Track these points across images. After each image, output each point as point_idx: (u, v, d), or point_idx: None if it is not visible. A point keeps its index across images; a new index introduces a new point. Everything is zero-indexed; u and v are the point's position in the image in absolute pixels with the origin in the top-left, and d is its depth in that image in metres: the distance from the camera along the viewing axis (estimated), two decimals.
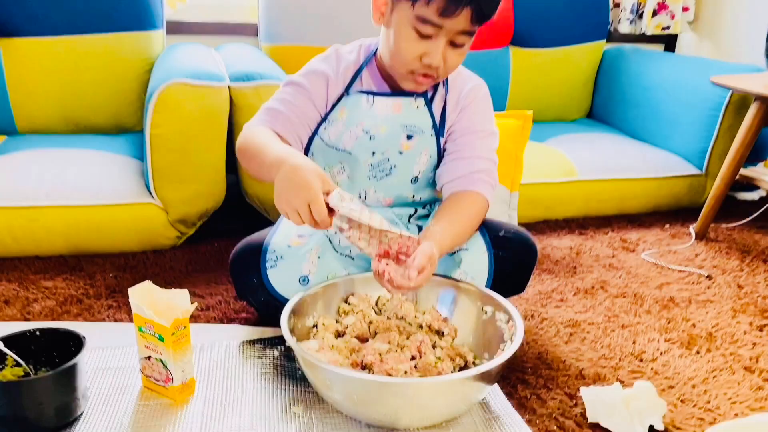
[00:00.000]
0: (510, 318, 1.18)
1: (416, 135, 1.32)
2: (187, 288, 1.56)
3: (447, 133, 1.36)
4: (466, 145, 1.34)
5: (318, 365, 1.02)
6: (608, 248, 1.95)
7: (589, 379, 1.27)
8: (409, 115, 1.31)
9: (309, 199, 1.05)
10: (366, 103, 1.30)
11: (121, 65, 2.10)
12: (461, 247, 1.35)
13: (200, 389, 1.18)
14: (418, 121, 1.32)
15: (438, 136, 1.34)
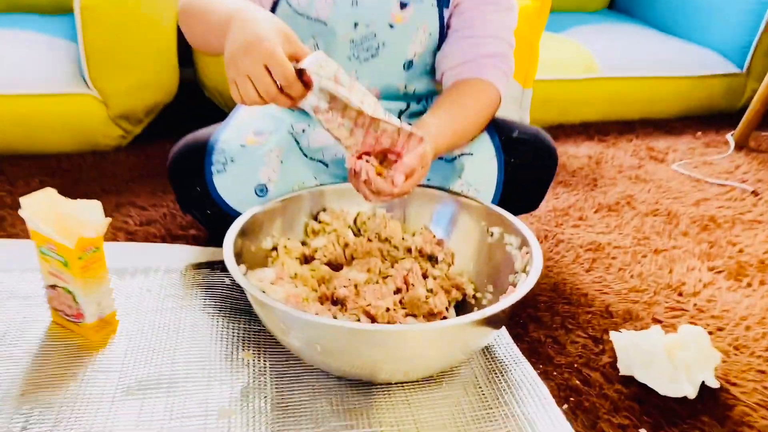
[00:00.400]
0: (524, 242, 0.91)
1: (413, 2, 1.01)
2: (127, 197, 1.29)
3: (453, 4, 1.04)
4: (475, 20, 1.03)
5: (267, 303, 0.76)
6: (633, 158, 1.66)
7: (618, 318, 1.01)
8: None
9: (264, 56, 0.75)
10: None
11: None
12: (463, 150, 1.06)
13: (125, 327, 0.92)
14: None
15: (441, 6, 1.02)
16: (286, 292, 0.87)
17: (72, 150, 1.48)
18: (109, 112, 1.46)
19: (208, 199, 1.02)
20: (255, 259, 0.95)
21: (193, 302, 0.98)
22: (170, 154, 1.05)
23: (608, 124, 1.89)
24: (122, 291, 0.99)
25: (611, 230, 1.29)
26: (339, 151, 1.06)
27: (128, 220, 1.20)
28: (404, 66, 1.07)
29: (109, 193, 1.30)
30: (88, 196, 1.28)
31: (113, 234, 1.15)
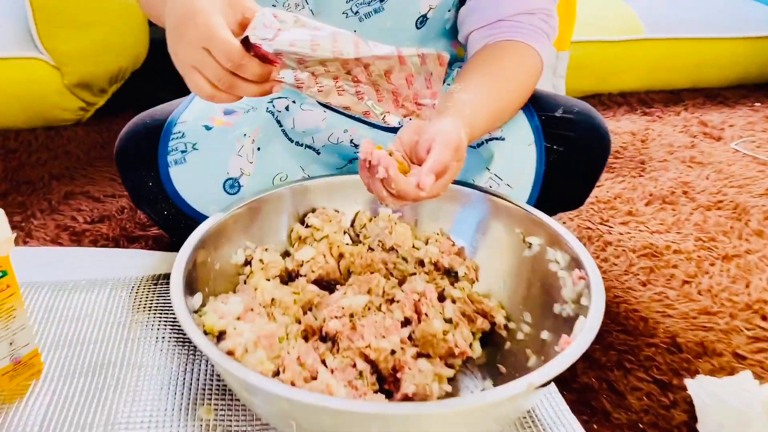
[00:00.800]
0: (575, 262, 0.69)
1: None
2: (81, 185, 1.07)
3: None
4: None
5: (222, 366, 0.54)
6: (684, 135, 1.42)
7: (689, 352, 0.79)
8: None
9: (200, 37, 0.53)
10: None
11: None
12: (493, 133, 0.83)
13: (52, 368, 0.71)
14: None
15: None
16: (256, 330, 0.65)
17: (23, 125, 1.25)
18: (64, 79, 1.23)
19: (162, 196, 0.79)
20: (222, 280, 0.73)
21: (145, 333, 0.76)
22: (118, 138, 0.82)
23: (652, 93, 1.65)
24: (55, 315, 0.78)
25: (668, 228, 1.06)
26: (334, 134, 0.83)
27: (77, 216, 0.98)
28: (416, 23, 0.83)
29: (59, 180, 1.08)
30: (34, 183, 1.07)
31: (56, 234, 0.94)
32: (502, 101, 0.76)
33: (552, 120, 0.85)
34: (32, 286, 0.82)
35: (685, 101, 1.61)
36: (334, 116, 0.83)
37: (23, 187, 1.05)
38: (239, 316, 0.66)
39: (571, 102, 0.88)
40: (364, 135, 0.83)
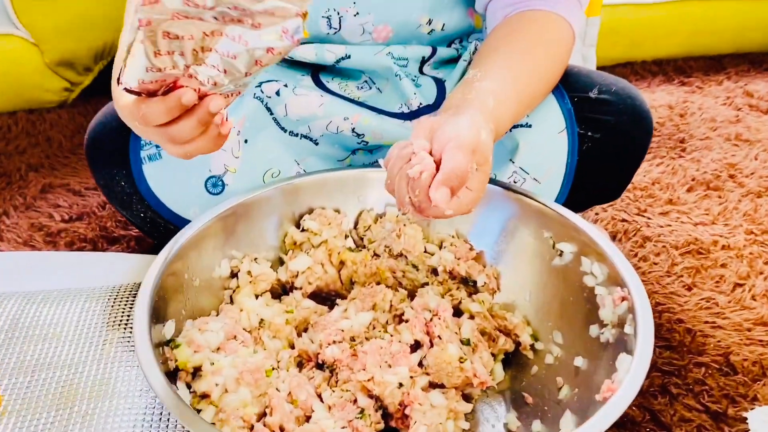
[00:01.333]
0: (615, 279, 0.58)
1: None
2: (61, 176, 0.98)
3: None
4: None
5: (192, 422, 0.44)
6: (727, 107, 1.28)
7: (746, 375, 0.68)
8: None
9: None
10: None
11: None
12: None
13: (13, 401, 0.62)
14: None
15: None
16: (239, 365, 0.56)
17: (3, 108, 1.15)
18: (44, 57, 1.13)
19: (137, 197, 0.70)
20: (204, 296, 0.63)
21: (121, 355, 0.67)
22: (87, 129, 0.72)
23: (690, 60, 1.50)
24: (20, 333, 0.69)
25: (714, 219, 0.94)
26: (333, 121, 0.72)
27: (53, 214, 0.88)
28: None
29: (37, 171, 0.99)
30: (10, 175, 0.97)
31: (29, 236, 0.84)
32: (531, 86, 0.64)
33: (586, 102, 0.73)
34: None
35: (728, 68, 1.47)
36: (332, 102, 0.72)
37: None
38: (219, 347, 0.56)
39: (607, 80, 0.76)
40: (368, 123, 0.72)
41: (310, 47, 0.74)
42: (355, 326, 0.62)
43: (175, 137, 0.49)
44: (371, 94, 0.76)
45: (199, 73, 0.46)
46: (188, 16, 0.43)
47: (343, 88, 0.76)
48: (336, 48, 0.74)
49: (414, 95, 0.74)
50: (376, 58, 0.74)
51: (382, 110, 0.75)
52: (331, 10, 0.72)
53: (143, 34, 0.43)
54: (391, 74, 0.75)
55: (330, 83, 0.76)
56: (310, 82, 0.76)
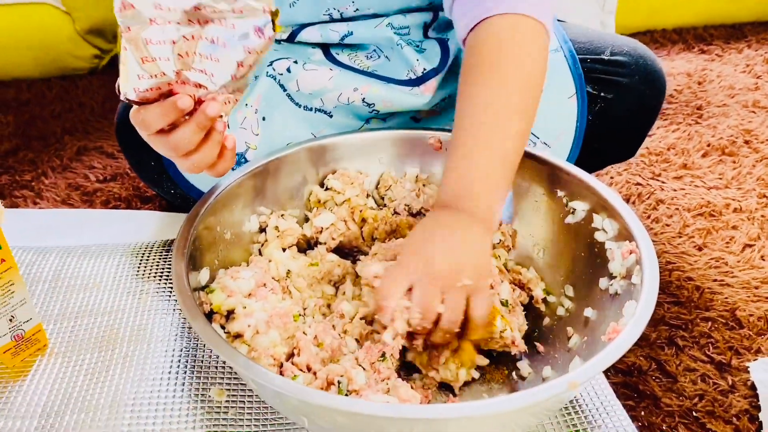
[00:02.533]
0: (625, 233, 0.61)
1: None
2: (94, 139, 1.02)
3: None
4: None
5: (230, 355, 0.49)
6: (747, 75, 1.29)
7: (752, 329, 0.71)
8: None
9: None
10: None
11: None
12: None
13: (57, 343, 0.67)
14: None
15: None
16: (268, 309, 0.60)
17: (36, 74, 1.20)
18: (75, 25, 1.16)
19: (166, 176, 0.73)
20: (234, 250, 0.67)
21: (157, 304, 0.71)
22: (117, 110, 0.76)
23: (710, 28, 1.49)
24: (62, 284, 0.74)
25: (728, 184, 0.96)
26: (343, 93, 0.75)
27: (89, 174, 0.93)
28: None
29: (72, 134, 1.03)
30: (47, 139, 1.02)
31: (67, 195, 0.89)
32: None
33: (599, 63, 0.75)
34: (40, 252, 0.78)
35: (749, 37, 1.46)
36: (342, 74, 0.75)
37: (35, 143, 1.00)
38: (250, 293, 0.60)
39: (620, 41, 0.78)
40: (377, 92, 0.74)
41: (314, 29, 0.76)
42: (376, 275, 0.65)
43: (178, 145, 0.51)
44: (381, 62, 0.78)
45: (190, 78, 0.49)
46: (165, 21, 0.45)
47: (353, 59, 0.78)
48: (338, 26, 0.76)
49: (417, 61, 0.76)
50: (376, 31, 0.75)
51: (391, 78, 0.77)
52: (330, 9, 0.74)
53: (126, 41, 0.46)
54: (394, 44, 0.76)
55: (340, 55, 0.78)
56: (321, 56, 0.78)
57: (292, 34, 0.77)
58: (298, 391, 0.46)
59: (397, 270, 0.56)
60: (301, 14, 0.75)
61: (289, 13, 0.75)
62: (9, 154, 0.97)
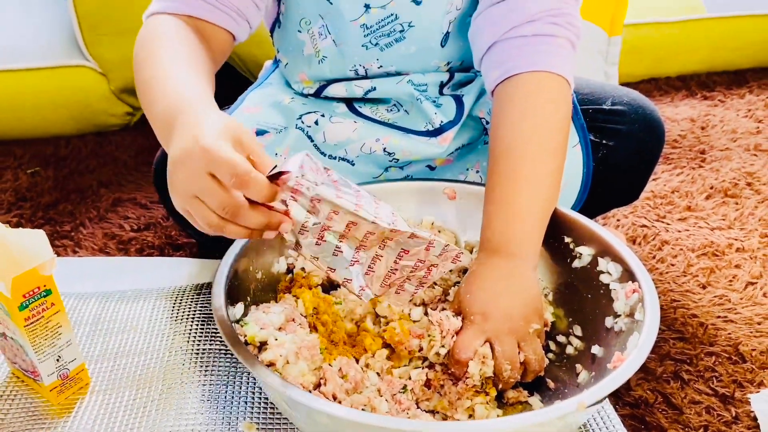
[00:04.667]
0: (628, 274, 0.65)
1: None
2: (128, 191, 1.08)
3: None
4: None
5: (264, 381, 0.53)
6: (749, 119, 1.34)
7: (754, 362, 0.74)
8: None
9: (204, 161, 0.50)
10: None
11: None
12: None
13: (99, 381, 0.72)
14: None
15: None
16: (297, 342, 0.64)
17: (73, 131, 1.28)
18: (110, 85, 1.24)
19: None
20: (264, 289, 0.72)
21: (187, 344, 0.76)
22: (156, 158, 0.83)
23: (714, 75, 1.55)
24: (102, 327, 0.79)
25: (730, 224, 1.00)
26: (366, 143, 0.81)
27: (124, 224, 0.99)
28: (441, 42, 0.79)
29: (108, 187, 1.10)
30: (84, 192, 1.08)
31: (104, 244, 0.95)
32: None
33: (600, 113, 0.80)
34: (80, 297, 0.83)
35: (750, 82, 1.52)
36: (364, 126, 0.81)
37: (73, 195, 1.07)
38: (280, 327, 0.65)
39: (620, 92, 0.83)
40: (397, 143, 0.80)
41: (340, 85, 0.83)
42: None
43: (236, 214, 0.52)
44: (400, 115, 0.85)
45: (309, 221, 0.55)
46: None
47: (375, 112, 0.85)
48: (362, 82, 0.82)
49: (435, 114, 0.82)
50: (398, 87, 0.82)
51: (410, 129, 0.83)
52: (357, 65, 0.81)
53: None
54: (413, 99, 0.82)
55: (363, 108, 0.85)
56: (345, 109, 0.85)
57: (319, 90, 0.84)
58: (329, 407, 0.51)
59: (473, 329, 0.63)
60: (328, 70, 0.81)
61: (317, 69, 0.82)
62: (50, 206, 1.04)
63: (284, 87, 0.89)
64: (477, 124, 0.84)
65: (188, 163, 0.52)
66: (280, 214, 0.54)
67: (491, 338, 0.63)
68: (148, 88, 0.64)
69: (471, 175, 0.84)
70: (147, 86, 0.65)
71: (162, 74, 0.63)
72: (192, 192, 0.53)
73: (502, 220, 0.67)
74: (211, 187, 0.51)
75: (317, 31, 0.80)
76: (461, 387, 0.64)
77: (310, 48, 0.81)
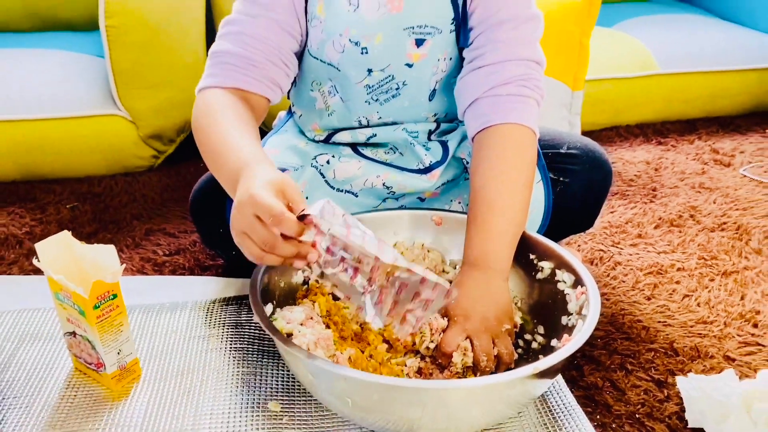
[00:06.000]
0: (579, 281, 0.82)
1: (430, 37, 0.91)
2: (158, 223, 1.25)
3: (471, 24, 0.92)
4: (488, 44, 0.90)
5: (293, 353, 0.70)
6: (696, 162, 1.53)
7: (685, 356, 0.91)
8: (417, 11, 0.89)
9: (252, 206, 0.67)
10: (348, 4, 0.89)
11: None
12: None
13: (148, 373, 0.87)
14: (433, 15, 0.90)
15: (459, 29, 0.92)
16: (316, 334, 0.80)
17: (105, 172, 1.44)
18: (139, 132, 1.42)
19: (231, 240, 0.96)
20: (285, 295, 0.89)
21: (220, 344, 0.92)
22: (192, 192, 1.00)
23: (668, 123, 1.76)
24: (147, 331, 0.95)
25: (674, 249, 1.18)
26: (368, 179, 0.98)
27: (157, 250, 1.15)
28: (429, 97, 0.98)
29: (139, 219, 1.26)
30: (119, 223, 1.25)
31: (141, 265, 1.11)
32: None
33: (558, 156, 0.99)
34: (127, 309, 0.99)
35: (700, 130, 1.72)
36: (368, 165, 0.99)
37: (110, 226, 1.23)
38: (302, 323, 0.81)
39: (575, 138, 1.02)
40: (394, 178, 0.98)
41: (346, 133, 1.01)
42: None
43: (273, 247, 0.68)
44: (396, 157, 1.03)
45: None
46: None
47: (375, 153, 1.03)
48: (365, 131, 1.00)
49: (425, 156, 1.00)
50: (394, 134, 1.00)
51: (404, 167, 1.01)
52: (360, 117, 0.99)
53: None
54: (407, 143, 1.01)
55: (365, 151, 1.03)
56: (350, 152, 1.02)
57: (328, 137, 1.02)
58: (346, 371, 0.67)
59: (456, 327, 0.80)
60: (336, 122, 0.99)
61: (327, 120, 1.00)
62: (91, 235, 1.20)
63: (298, 134, 1.06)
64: (459, 164, 1.02)
65: (241, 208, 0.69)
66: (308, 245, 0.71)
67: (471, 335, 0.79)
68: (216, 156, 0.81)
69: (454, 205, 1.02)
70: (214, 154, 0.82)
71: (223, 142, 0.80)
72: (242, 229, 0.69)
73: (480, 240, 0.85)
74: (255, 225, 0.67)
75: (327, 90, 0.98)
76: (446, 374, 0.80)
77: (321, 104, 1.00)
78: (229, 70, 0.88)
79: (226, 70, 0.88)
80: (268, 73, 0.90)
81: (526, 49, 0.90)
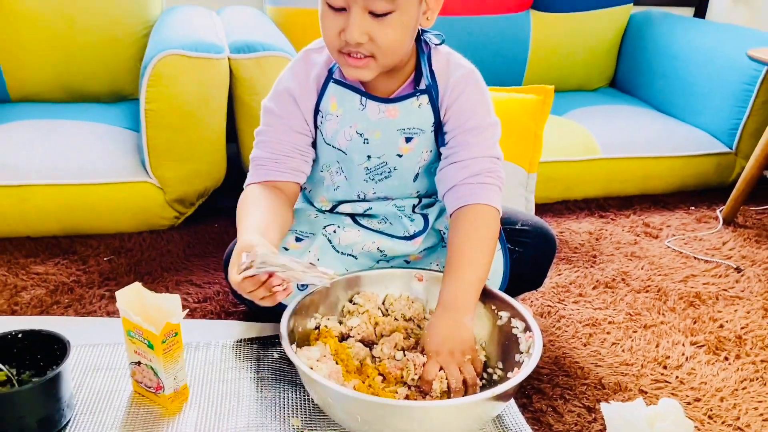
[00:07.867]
0: (527, 327, 1.09)
1: (416, 136, 1.19)
2: (185, 275, 1.48)
3: (445, 130, 1.21)
4: (460, 146, 1.17)
5: (316, 380, 0.94)
6: (630, 233, 1.84)
7: (609, 389, 1.18)
8: (408, 118, 1.18)
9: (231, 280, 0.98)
10: (359, 103, 1.17)
11: (117, 28, 1.96)
12: None
13: (194, 395, 1.10)
14: (419, 121, 1.18)
15: (437, 133, 1.20)
16: (329, 368, 1.05)
17: (133, 230, 1.68)
18: (166, 197, 1.66)
19: None
20: (301, 336, 1.14)
21: (249, 374, 1.16)
22: (225, 253, 1.25)
23: (608, 200, 2.07)
24: (189, 363, 1.18)
25: (607, 306, 1.47)
26: (366, 245, 1.25)
27: (188, 298, 1.39)
28: (413, 179, 1.26)
29: (169, 271, 1.50)
30: (152, 274, 1.49)
31: None
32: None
33: (514, 231, 1.27)
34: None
35: (635, 206, 2.04)
36: (365, 233, 1.26)
37: (145, 277, 1.47)
38: (318, 359, 1.07)
39: (527, 216, 1.31)
40: (386, 244, 1.24)
41: (348, 205, 1.27)
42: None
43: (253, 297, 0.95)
44: (387, 226, 1.30)
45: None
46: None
47: (370, 223, 1.30)
48: (362, 204, 1.27)
49: (410, 226, 1.27)
50: (386, 208, 1.27)
51: (394, 235, 1.28)
52: (360, 192, 1.26)
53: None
54: (396, 216, 1.29)
55: (362, 221, 1.30)
56: (351, 221, 1.29)
57: (333, 207, 1.29)
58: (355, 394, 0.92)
59: (432, 361, 1.05)
60: (341, 195, 1.27)
61: (333, 194, 1.27)
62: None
63: (307, 205, 1.33)
64: (437, 234, 1.30)
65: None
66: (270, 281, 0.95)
67: (443, 366, 1.05)
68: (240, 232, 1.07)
69: (433, 266, 1.29)
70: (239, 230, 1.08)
71: (240, 221, 1.09)
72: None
73: (453, 287, 1.11)
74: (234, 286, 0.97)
75: (335, 170, 1.25)
76: (428, 398, 1.05)
77: (329, 181, 1.27)
78: (261, 169, 1.17)
79: (259, 170, 1.17)
80: (290, 165, 1.18)
81: (489, 149, 1.19)
